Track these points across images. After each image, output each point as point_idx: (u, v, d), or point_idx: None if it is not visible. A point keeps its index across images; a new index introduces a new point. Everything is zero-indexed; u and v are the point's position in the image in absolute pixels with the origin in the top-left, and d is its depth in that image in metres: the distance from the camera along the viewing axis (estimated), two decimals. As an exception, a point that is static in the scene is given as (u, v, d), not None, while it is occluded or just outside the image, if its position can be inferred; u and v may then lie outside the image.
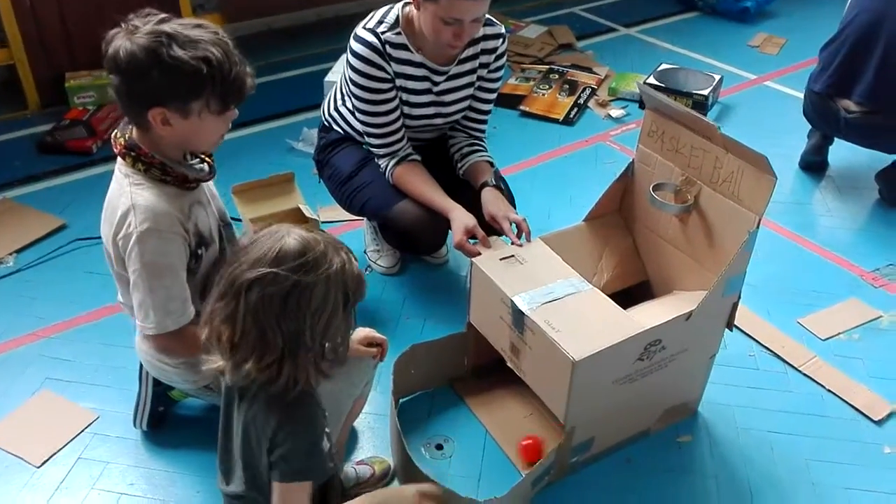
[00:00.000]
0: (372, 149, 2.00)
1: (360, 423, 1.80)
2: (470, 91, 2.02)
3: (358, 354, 1.52)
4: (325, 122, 2.16)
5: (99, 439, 1.77)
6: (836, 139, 2.81)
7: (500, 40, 1.98)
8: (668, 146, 1.73)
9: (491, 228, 1.87)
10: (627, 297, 1.82)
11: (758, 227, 1.55)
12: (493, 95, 2.07)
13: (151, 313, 1.42)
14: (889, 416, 1.86)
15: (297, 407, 1.18)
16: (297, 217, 1.99)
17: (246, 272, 1.12)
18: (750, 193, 1.56)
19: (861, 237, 2.55)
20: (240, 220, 1.99)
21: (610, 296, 1.77)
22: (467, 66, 1.97)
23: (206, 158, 1.56)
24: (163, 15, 1.35)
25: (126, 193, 1.40)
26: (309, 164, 2.36)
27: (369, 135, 1.97)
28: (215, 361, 1.19)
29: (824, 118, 2.67)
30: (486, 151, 2.08)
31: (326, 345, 1.17)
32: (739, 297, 1.68)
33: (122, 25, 1.33)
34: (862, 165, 2.90)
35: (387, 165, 1.99)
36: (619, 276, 1.85)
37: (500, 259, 1.71)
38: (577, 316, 1.56)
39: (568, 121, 3.25)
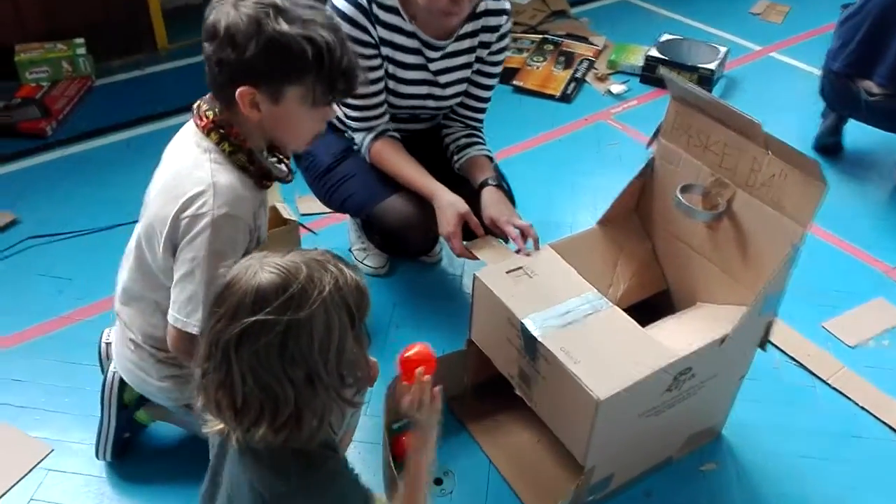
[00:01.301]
0: (348, 121, 1.78)
1: (349, 454, 1.60)
2: (467, 73, 1.78)
3: None
4: (303, 107, 1.92)
5: (54, 477, 1.57)
6: (851, 119, 2.62)
7: (504, 18, 1.74)
8: (695, 142, 1.53)
9: (490, 233, 1.67)
10: (645, 307, 1.65)
11: (803, 240, 1.36)
12: (494, 81, 1.83)
13: (201, 310, 1.22)
14: (927, 435, 1.71)
15: (318, 471, 1.00)
16: (274, 218, 1.77)
17: (227, 328, 0.92)
18: (794, 201, 1.36)
19: (883, 228, 2.37)
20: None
21: (627, 308, 1.60)
22: (466, 44, 1.74)
23: (284, 159, 1.38)
24: None
25: (205, 168, 1.22)
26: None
27: (347, 105, 1.74)
28: (216, 426, 1.00)
29: (843, 100, 2.48)
30: (485, 144, 1.86)
31: (345, 373, 0.99)
32: (775, 317, 1.50)
33: None
34: (879, 146, 2.72)
35: (363, 140, 1.77)
36: (637, 285, 1.66)
37: (507, 272, 1.51)
38: (597, 342, 1.37)
39: (565, 97, 3.02)
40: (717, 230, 1.53)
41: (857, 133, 2.69)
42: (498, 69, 1.81)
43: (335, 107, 1.25)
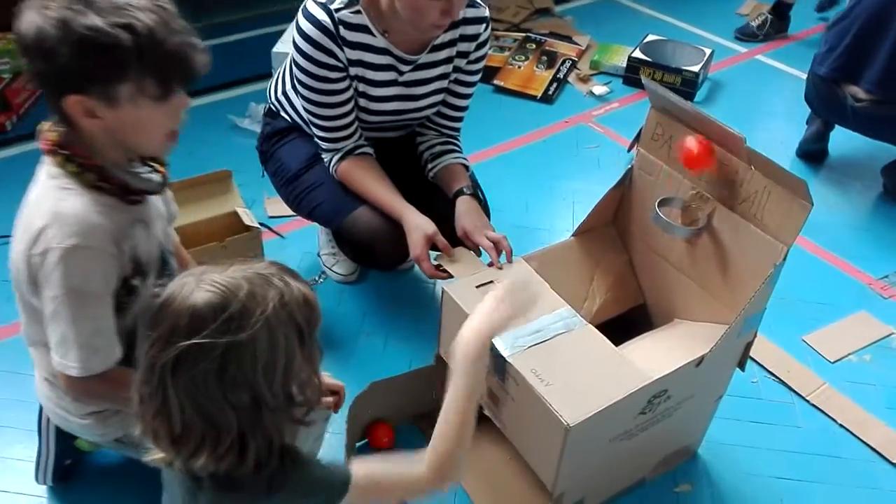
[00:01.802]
0: (316, 139, 1.70)
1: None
2: (444, 84, 1.70)
3: None
4: (272, 107, 1.84)
5: (-6, 497, 1.49)
6: (837, 126, 2.57)
7: (483, 26, 1.65)
8: (676, 154, 1.46)
9: (461, 244, 1.60)
10: (621, 321, 1.59)
11: (784, 259, 1.30)
12: (471, 90, 1.75)
13: (75, 350, 1.14)
14: (908, 457, 1.66)
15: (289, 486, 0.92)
16: (234, 223, 1.69)
17: (162, 352, 0.85)
18: (777, 219, 1.30)
19: (867, 239, 2.33)
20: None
21: (603, 323, 1.54)
22: (443, 55, 1.65)
23: (159, 167, 1.25)
24: None
25: (49, 197, 1.11)
26: (257, 146, 2.04)
27: (314, 125, 1.66)
28: (158, 454, 0.93)
29: (828, 105, 2.42)
30: (461, 152, 1.78)
31: (294, 390, 0.92)
32: (755, 336, 1.44)
33: None
34: (863, 154, 2.68)
35: (330, 160, 1.68)
36: (614, 299, 1.60)
37: (477, 286, 1.44)
38: (569, 363, 1.31)
39: (546, 98, 2.96)
40: (697, 245, 1.47)
41: (841, 140, 2.65)
42: (476, 77, 1.74)
43: (187, 98, 1.13)
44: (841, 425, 1.72)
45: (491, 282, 1.45)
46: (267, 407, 0.87)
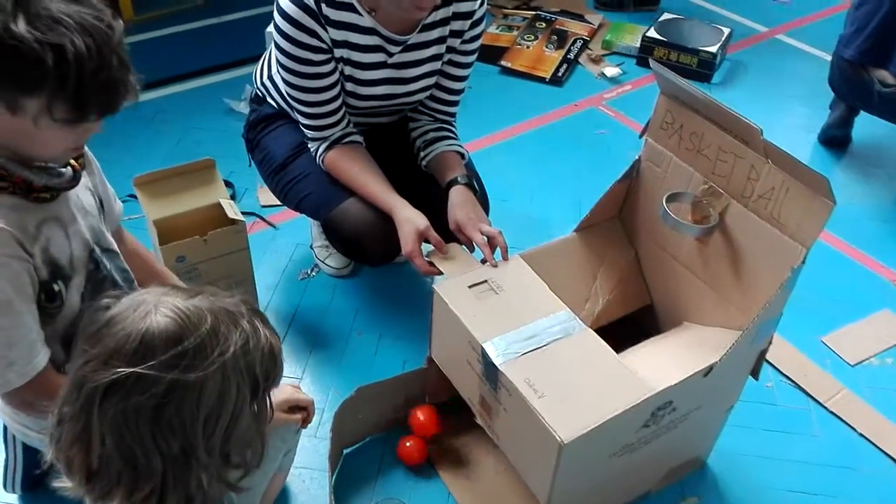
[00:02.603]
0: (302, 128, 1.59)
1: (294, 482, 1.45)
2: (437, 65, 1.58)
3: (277, 424, 1.17)
4: (258, 92, 1.74)
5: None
6: (862, 112, 2.43)
7: (478, 2, 1.53)
8: (686, 144, 1.35)
9: (454, 238, 1.50)
10: (626, 323, 1.49)
11: (804, 262, 1.19)
12: (467, 72, 1.64)
13: None
14: (932, 470, 1.55)
15: None
16: (217, 216, 1.59)
17: (97, 372, 0.75)
18: (795, 218, 1.19)
19: (890, 232, 2.20)
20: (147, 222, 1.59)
21: (607, 326, 1.44)
22: (435, 34, 1.53)
23: (72, 161, 1.15)
24: None
25: None
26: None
27: (298, 112, 1.56)
28: (71, 487, 0.84)
29: (854, 90, 2.28)
30: (457, 139, 1.67)
31: (231, 452, 0.82)
32: (770, 343, 1.34)
33: None
34: (889, 141, 2.54)
35: (317, 149, 1.58)
36: (618, 300, 1.49)
37: (469, 286, 1.35)
38: (566, 373, 1.21)
39: (556, 80, 2.83)
40: (708, 244, 1.36)
41: (866, 126, 2.51)
42: (471, 58, 1.62)
43: (99, 124, 1.00)
44: (861, 434, 1.61)
45: (485, 281, 1.36)
46: (198, 462, 0.78)
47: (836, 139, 2.49)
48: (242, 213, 1.66)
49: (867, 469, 1.55)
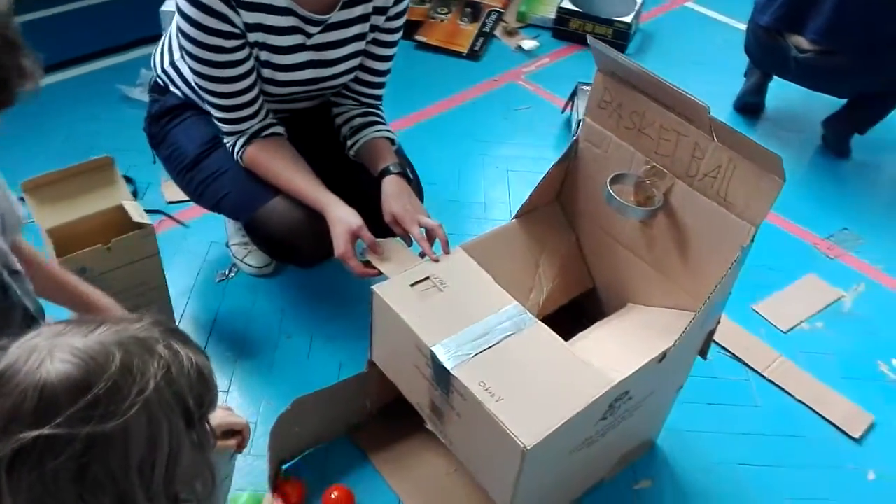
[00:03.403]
0: (216, 121, 1.45)
1: None
2: (361, 45, 1.47)
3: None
4: (159, 81, 1.57)
5: None
6: (775, 77, 2.47)
7: None
8: (626, 123, 1.30)
9: (390, 231, 1.41)
10: (569, 306, 1.45)
11: (752, 241, 1.17)
12: (393, 51, 1.53)
13: None
14: (868, 430, 1.59)
15: None
16: (120, 220, 1.43)
17: None
18: (742, 196, 1.16)
19: (809, 196, 2.25)
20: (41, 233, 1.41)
21: (552, 313, 1.39)
22: (357, 11, 1.41)
23: None
24: None
25: None
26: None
27: (211, 105, 1.41)
28: None
29: (771, 56, 2.31)
30: (385, 123, 1.57)
31: (178, 489, 0.71)
32: (718, 323, 1.32)
33: None
34: (800, 106, 2.60)
35: (234, 145, 1.45)
36: (561, 286, 1.44)
37: (412, 285, 1.26)
38: (521, 372, 1.15)
39: (473, 54, 2.75)
40: (652, 225, 1.32)
41: (777, 92, 2.56)
42: (396, 36, 1.51)
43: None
44: (799, 401, 1.63)
45: (427, 278, 1.27)
46: None
47: (750, 106, 2.52)
48: (147, 211, 1.50)
49: (810, 435, 1.58)
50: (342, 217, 1.33)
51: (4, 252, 1.04)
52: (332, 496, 1.35)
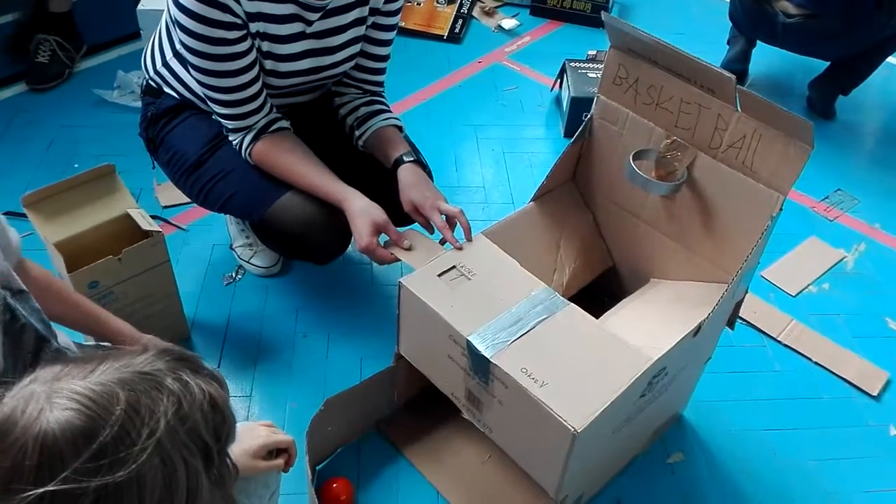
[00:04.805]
0: (219, 119, 1.41)
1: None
2: (361, 30, 1.43)
3: (258, 472, 1.03)
4: (152, 83, 1.52)
5: None
6: (758, 43, 2.49)
7: None
8: (644, 99, 1.29)
9: (406, 220, 1.38)
10: (591, 286, 1.44)
11: (781, 209, 1.17)
12: (393, 35, 1.50)
13: None
14: (885, 386, 1.62)
15: None
16: (128, 229, 1.39)
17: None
18: (769, 165, 1.17)
19: (801, 159, 2.27)
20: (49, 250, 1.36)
21: (575, 295, 1.39)
22: None
23: None
24: None
25: None
26: (134, 124, 1.66)
27: (214, 102, 1.37)
28: None
29: (757, 23, 2.32)
30: (390, 110, 1.54)
31: None
32: (746, 292, 1.32)
33: None
34: (783, 72, 2.63)
35: (241, 143, 1.41)
36: (583, 267, 1.44)
37: (439, 275, 1.24)
38: (560, 355, 1.14)
39: (454, 37, 2.71)
40: (673, 199, 1.32)
41: (760, 58, 2.57)
42: (395, 19, 1.48)
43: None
44: (816, 363, 1.66)
45: (453, 267, 1.25)
46: None
47: (737, 73, 2.50)
48: (144, 217, 1.45)
49: (829, 396, 1.60)
50: (364, 209, 1.30)
51: (7, 272, 0.99)
52: (333, 486, 1.33)
